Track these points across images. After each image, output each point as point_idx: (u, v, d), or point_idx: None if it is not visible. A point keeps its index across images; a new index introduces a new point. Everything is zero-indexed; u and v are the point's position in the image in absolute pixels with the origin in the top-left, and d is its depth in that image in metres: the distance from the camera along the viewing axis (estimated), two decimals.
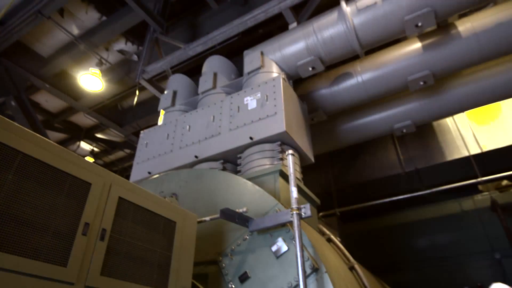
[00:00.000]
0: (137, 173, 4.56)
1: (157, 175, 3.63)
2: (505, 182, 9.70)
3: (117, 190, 1.85)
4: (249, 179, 3.06)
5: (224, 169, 3.94)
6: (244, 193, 2.82)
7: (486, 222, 7.85)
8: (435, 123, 7.27)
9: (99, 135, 9.43)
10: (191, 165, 4.10)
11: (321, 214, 7.52)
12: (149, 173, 4.39)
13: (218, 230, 2.68)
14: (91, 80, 6.77)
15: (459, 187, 6.88)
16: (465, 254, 7.90)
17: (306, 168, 4.19)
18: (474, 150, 6.59)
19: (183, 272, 2.05)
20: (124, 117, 8.56)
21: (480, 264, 7.63)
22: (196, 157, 4.05)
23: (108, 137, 9.53)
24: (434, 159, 6.91)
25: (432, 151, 7.01)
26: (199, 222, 2.45)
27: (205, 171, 3.21)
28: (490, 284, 7.44)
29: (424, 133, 7.27)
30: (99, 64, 6.84)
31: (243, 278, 2.32)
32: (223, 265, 2.47)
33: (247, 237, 2.50)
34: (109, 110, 8.35)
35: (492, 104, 6.72)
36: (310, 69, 4.47)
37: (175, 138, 4.47)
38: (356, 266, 3.02)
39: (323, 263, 2.19)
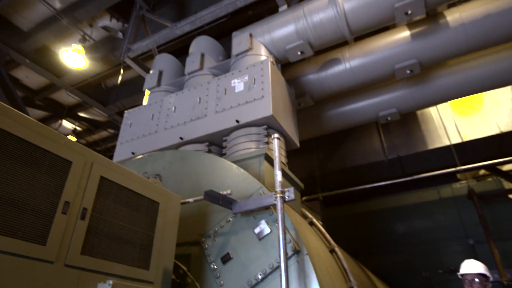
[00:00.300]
0: (120, 153, 4.50)
1: (141, 156, 3.59)
2: (482, 172, 10.01)
3: (99, 169, 1.82)
4: (234, 162, 3.06)
5: (209, 151, 3.92)
6: (229, 176, 2.82)
7: (462, 210, 8.17)
8: (418, 112, 7.38)
9: (82, 114, 9.20)
10: (176, 146, 4.07)
11: (304, 198, 7.63)
12: (133, 153, 4.34)
13: (201, 212, 2.69)
14: (73, 57, 6.55)
15: (438, 175, 7.06)
16: (441, 240, 8.25)
17: (291, 153, 4.22)
18: (455, 139, 6.75)
19: (165, 253, 2.05)
20: (108, 96, 8.37)
21: (454, 249, 7.99)
22: (181, 138, 4.02)
23: (91, 116, 9.32)
24: (416, 147, 7.06)
25: (415, 139, 7.15)
26: (183, 203, 2.45)
27: (190, 152, 3.19)
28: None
29: (408, 121, 7.39)
30: (82, 40, 6.60)
31: (226, 259, 2.35)
32: (206, 246, 2.49)
33: (231, 219, 2.52)
34: (93, 89, 8.13)
35: (475, 95, 6.87)
36: (299, 53, 4.43)
37: (160, 119, 4.41)
38: (337, 249, 3.10)
39: (304, 245, 2.23)
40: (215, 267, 2.37)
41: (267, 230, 2.31)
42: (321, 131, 6.28)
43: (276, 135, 2.47)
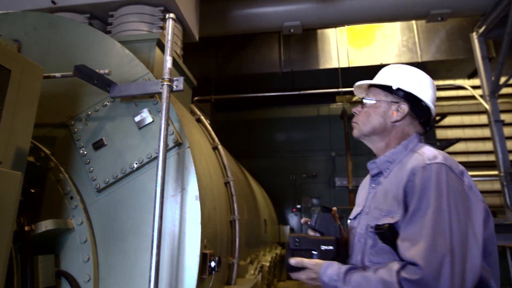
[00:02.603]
0: None
1: None
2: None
3: None
4: (120, 42, 2.63)
5: (90, 25, 3.29)
6: (111, 55, 2.43)
7: (333, 127, 9.44)
8: (319, 31, 7.58)
9: None
10: (47, 12, 3.27)
11: (196, 98, 7.51)
12: None
13: (73, 92, 2.31)
14: None
15: (321, 94, 7.71)
16: (310, 150, 9.59)
17: (189, 51, 3.89)
18: (344, 64, 7.29)
19: (18, 131, 1.72)
20: None
21: (319, 159, 9.42)
22: (53, 3, 3.24)
23: None
24: (309, 64, 7.40)
25: (310, 57, 7.45)
26: (46, 77, 2.03)
27: (62, 19, 2.58)
28: (324, 174, 9.18)
29: (308, 39, 7.57)
30: None
31: (98, 145, 2.14)
32: (76, 129, 2.20)
33: (108, 103, 2.24)
34: None
35: (369, 27, 7.33)
36: None
37: None
38: (220, 147, 3.17)
39: (187, 138, 2.17)
40: (85, 152, 2.15)
41: (149, 119, 2.14)
42: (223, 31, 5.94)
43: (171, 15, 2.14)
